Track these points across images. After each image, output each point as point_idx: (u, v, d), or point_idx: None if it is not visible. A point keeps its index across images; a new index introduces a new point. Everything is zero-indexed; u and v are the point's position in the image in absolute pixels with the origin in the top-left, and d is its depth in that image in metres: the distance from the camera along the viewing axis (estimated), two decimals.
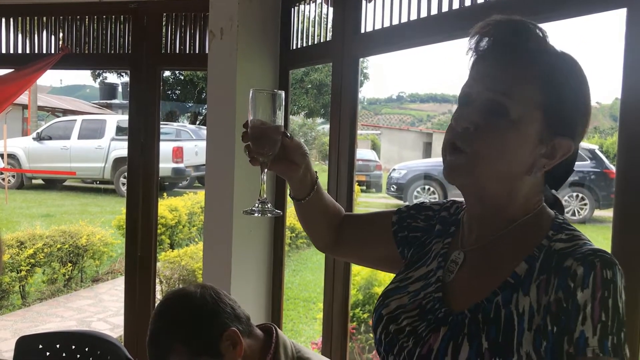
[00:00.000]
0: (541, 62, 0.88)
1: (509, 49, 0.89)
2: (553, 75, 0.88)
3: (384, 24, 2.11)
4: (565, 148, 0.90)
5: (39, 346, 2.00)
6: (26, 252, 5.59)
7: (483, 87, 0.89)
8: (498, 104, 0.87)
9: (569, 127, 0.90)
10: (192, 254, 5.26)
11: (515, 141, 0.88)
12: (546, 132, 0.89)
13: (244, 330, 1.39)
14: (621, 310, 0.81)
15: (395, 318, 0.98)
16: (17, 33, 3.28)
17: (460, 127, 0.90)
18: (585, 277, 0.81)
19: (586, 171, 9.20)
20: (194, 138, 12.74)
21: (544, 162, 0.90)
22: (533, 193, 0.94)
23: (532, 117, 0.88)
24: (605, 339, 0.79)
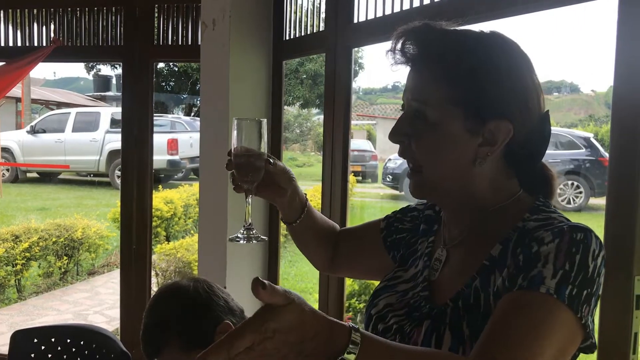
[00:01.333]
0: (447, 56, 0.88)
1: (421, 55, 0.89)
2: (459, 66, 0.87)
3: (377, 14, 2.10)
4: (504, 129, 0.87)
5: (34, 340, 1.99)
6: (21, 245, 5.58)
7: (408, 98, 0.92)
8: (418, 111, 0.89)
9: (497, 108, 0.86)
10: (187, 246, 5.25)
11: (443, 142, 0.88)
12: (472, 123, 0.87)
13: (237, 323, 1.39)
14: (590, 270, 0.80)
15: (383, 317, 0.99)
16: (8, 25, 3.25)
17: (396, 142, 0.93)
18: (551, 238, 0.81)
19: (581, 159, 9.22)
20: (189, 130, 12.69)
21: (485, 150, 0.88)
22: (499, 181, 0.92)
23: (450, 114, 0.87)
24: (564, 286, 0.78)
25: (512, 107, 0.87)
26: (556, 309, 0.78)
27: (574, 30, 33.23)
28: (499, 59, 0.88)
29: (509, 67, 0.88)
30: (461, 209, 0.95)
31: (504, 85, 0.87)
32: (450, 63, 0.87)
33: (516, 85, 0.87)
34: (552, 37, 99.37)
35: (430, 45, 0.89)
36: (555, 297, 0.77)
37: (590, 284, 0.80)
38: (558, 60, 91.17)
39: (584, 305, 0.79)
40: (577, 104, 34.52)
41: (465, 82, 0.87)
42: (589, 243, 0.81)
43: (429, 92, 0.89)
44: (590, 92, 36.35)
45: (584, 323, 0.80)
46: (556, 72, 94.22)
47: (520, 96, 0.88)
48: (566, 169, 9.19)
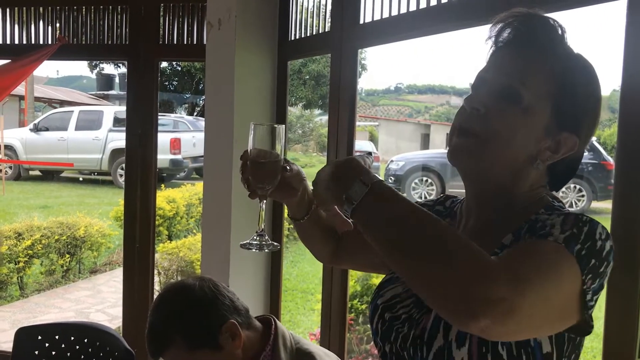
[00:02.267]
0: (557, 57, 0.90)
1: (529, 42, 0.90)
2: (567, 71, 0.89)
3: (383, 15, 2.10)
4: (570, 144, 0.90)
5: (38, 337, 2.00)
6: (24, 243, 5.59)
7: (499, 72, 0.91)
8: (512, 89, 0.88)
9: (576, 123, 0.90)
10: (190, 245, 5.26)
11: (524, 128, 0.88)
12: (554, 125, 0.89)
13: (243, 322, 1.39)
14: (598, 246, 0.80)
15: (391, 307, 0.99)
16: (14, 24, 3.26)
17: (469, 108, 0.90)
18: (557, 216, 0.84)
19: (584, 162, 9.20)
20: (192, 129, 12.71)
21: (548, 154, 0.90)
22: (536, 185, 0.94)
23: (542, 107, 0.88)
24: (573, 243, 0.78)
25: (585, 128, 0.91)
26: (565, 258, 0.77)
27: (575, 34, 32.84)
28: (594, 84, 0.92)
29: (597, 96, 0.92)
30: (490, 199, 0.95)
31: (589, 107, 0.91)
32: (562, 62, 0.90)
33: (596, 111, 0.92)
34: None
35: (550, 40, 0.90)
36: (563, 246, 0.78)
37: (598, 257, 0.80)
38: None
39: (589, 274, 0.79)
40: None
41: (567, 86, 0.89)
42: (594, 224, 0.82)
43: (529, 74, 0.89)
44: None
45: (585, 290, 0.79)
46: None
47: (593, 121, 0.92)
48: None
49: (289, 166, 1.06)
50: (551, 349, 0.84)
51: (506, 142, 0.89)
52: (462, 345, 0.85)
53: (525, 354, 0.84)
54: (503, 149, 0.89)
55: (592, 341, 4.53)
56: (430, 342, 0.89)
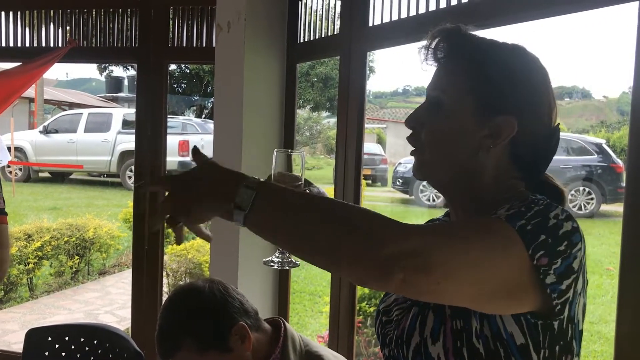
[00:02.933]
0: (468, 55, 0.94)
1: (449, 54, 0.96)
2: (482, 61, 0.93)
3: (392, 18, 2.10)
4: (509, 125, 0.91)
5: (48, 338, 2.01)
6: (34, 244, 5.62)
7: (429, 88, 0.97)
8: (435, 99, 0.95)
9: (506, 104, 0.92)
10: (198, 247, 5.27)
11: (453, 129, 0.93)
12: (482, 114, 0.92)
13: (252, 324, 1.40)
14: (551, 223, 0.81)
15: (388, 311, 1.02)
16: (25, 27, 3.28)
17: (408, 128, 0.98)
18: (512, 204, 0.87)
19: (593, 165, 9.16)
20: (200, 131, 12.74)
21: (488, 142, 0.92)
22: (501, 177, 0.95)
23: (463, 103, 0.93)
24: (517, 218, 0.80)
25: (520, 106, 0.92)
26: (502, 228, 0.79)
27: (586, 36, 32.36)
28: (516, 62, 0.94)
29: (523, 71, 0.94)
30: (460, 201, 0.98)
31: (516, 85, 0.92)
32: (472, 60, 0.94)
33: (527, 88, 0.93)
34: (564, 43, 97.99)
35: (459, 45, 0.95)
36: (503, 220, 0.80)
37: (550, 234, 0.80)
38: (570, 66, 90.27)
39: (540, 251, 0.79)
40: (589, 109, 34.34)
41: (481, 76, 0.92)
42: (551, 207, 0.84)
43: (448, 82, 0.95)
44: (602, 98, 36.12)
45: (539, 272, 0.79)
46: (568, 77, 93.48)
47: (529, 98, 0.93)
48: (578, 175, 9.15)
49: (310, 189, 1.10)
50: (525, 340, 0.84)
51: (442, 147, 0.94)
52: (436, 340, 0.87)
53: (502, 346, 0.84)
54: (442, 154, 0.95)
55: (603, 345, 4.51)
56: (408, 341, 0.91)
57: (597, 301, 5.44)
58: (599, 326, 4.84)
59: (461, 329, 0.85)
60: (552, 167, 1.01)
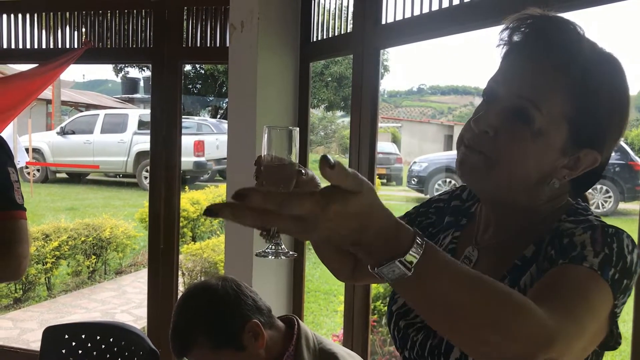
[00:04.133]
0: (574, 66, 0.82)
1: (544, 50, 0.83)
2: (585, 83, 0.82)
3: (405, 15, 2.09)
4: (590, 160, 0.85)
5: (65, 336, 2.03)
6: (51, 244, 5.69)
7: (511, 90, 0.84)
8: (523, 110, 0.82)
9: (597, 140, 0.85)
10: (213, 247, 5.30)
11: (536, 152, 0.83)
12: (571, 145, 0.84)
13: (265, 322, 1.40)
14: (629, 262, 0.77)
15: (405, 313, 0.98)
16: (41, 29, 3.32)
17: (478, 131, 0.85)
18: (583, 231, 0.80)
19: (611, 163, 9.05)
20: (215, 132, 12.81)
21: (565, 172, 0.86)
22: (555, 196, 0.90)
23: (557, 128, 0.83)
24: (607, 266, 0.75)
25: (609, 143, 0.86)
26: (602, 286, 0.74)
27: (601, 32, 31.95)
28: (614, 84, 0.84)
29: (624, 99, 0.85)
30: (506, 212, 0.92)
31: (612, 120, 0.85)
32: (580, 72, 0.82)
33: (621, 121, 0.86)
34: None
35: (562, 40, 0.83)
36: (599, 274, 0.74)
37: (629, 275, 0.77)
38: None
39: (620, 295, 0.77)
40: None
41: (585, 103, 0.82)
42: (621, 237, 0.79)
43: (543, 94, 0.82)
44: None
45: (615, 314, 0.77)
46: None
47: (618, 132, 0.86)
48: None
49: (304, 170, 1.01)
50: None
51: (516, 164, 0.84)
52: None
53: None
54: (512, 171, 0.84)
55: (622, 344, 4.46)
56: (447, 353, 0.88)
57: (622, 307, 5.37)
58: None
59: None
60: None
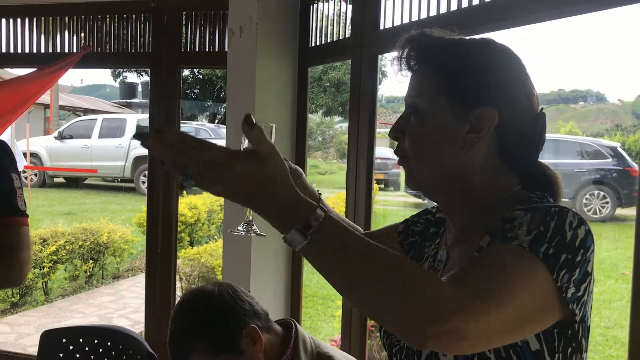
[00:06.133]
0: (437, 57, 0.94)
1: (419, 59, 0.96)
2: (446, 59, 0.93)
3: (403, 20, 2.10)
4: (489, 116, 0.90)
5: (62, 340, 2.03)
6: (49, 249, 5.68)
7: (406, 97, 0.98)
8: (412, 104, 0.95)
9: (481, 96, 0.91)
10: (211, 251, 5.29)
11: (433, 131, 0.93)
12: (459, 110, 0.91)
13: (263, 326, 1.40)
14: (568, 237, 0.79)
15: None
16: (40, 33, 3.32)
17: (392, 138, 0.98)
18: (525, 213, 0.83)
19: (607, 169, 9.08)
20: (213, 137, 12.80)
21: (472, 137, 0.91)
22: (492, 173, 0.94)
23: (440, 103, 0.92)
24: (539, 243, 0.78)
25: (496, 97, 0.91)
26: (528, 259, 0.77)
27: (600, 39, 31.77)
28: (484, 55, 0.94)
29: (493, 62, 0.93)
30: (454, 205, 0.98)
31: (488, 76, 0.92)
32: (440, 60, 0.94)
33: (500, 78, 0.92)
34: (578, 46, 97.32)
35: (425, 49, 0.95)
36: (527, 249, 0.78)
37: (569, 250, 0.79)
38: (584, 69, 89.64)
39: (562, 270, 0.78)
40: (604, 113, 34.02)
41: (450, 73, 0.92)
42: (564, 214, 0.81)
43: (421, 86, 0.95)
44: (616, 102, 35.79)
45: (560, 287, 0.78)
46: (582, 81, 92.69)
47: (504, 88, 0.92)
48: (592, 178, 9.07)
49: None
50: (540, 346, 0.83)
51: (426, 151, 0.94)
52: None
53: (515, 354, 0.83)
54: (428, 158, 0.94)
55: (619, 350, 4.46)
56: (419, 351, 0.92)
57: (613, 306, 5.38)
58: (614, 331, 4.78)
59: None
60: (566, 171, 1.00)
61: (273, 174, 0.74)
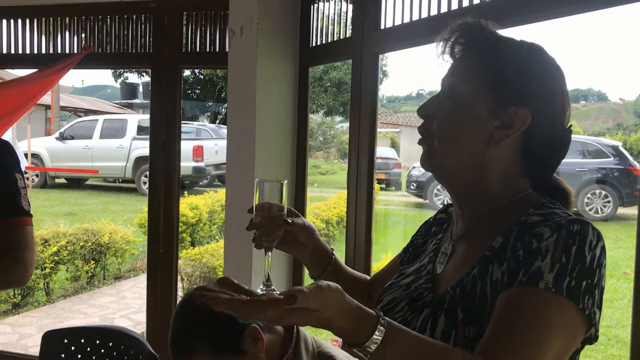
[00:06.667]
0: (489, 47, 0.95)
1: (469, 46, 0.97)
2: (496, 54, 0.94)
3: (404, 20, 2.10)
4: (522, 116, 0.91)
5: (64, 340, 2.03)
6: (50, 249, 5.68)
7: (444, 78, 0.98)
8: (451, 88, 0.96)
9: (521, 95, 0.92)
10: (212, 252, 5.29)
11: (468, 118, 0.93)
12: (497, 105, 0.92)
13: (264, 325, 1.40)
14: (587, 260, 0.81)
15: (388, 311, 1.02)
16: (41, 34, 3.33)
17: (420, 117, 0.98)
18: (550, 233, 0.84)
19: (609, 168, 9.07)
20: (214, 137, 12.80)
21: (500, 133, 0.92)
22: (510, 175, 0.95)
23: (481, 93, 0.93)
24: (562, 278, 0.80)
25: (535, 100, 0.92)
26: (556, 303, 0.80)
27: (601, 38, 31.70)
28: (532, 60, 0.95)
29: (540, 69, 0.94)
30: (467, 195, 0.98)
31: (532, 81, 0.93)
32: (491, 53, 0.95)
33: (543, 85, 0.93)
34: (579, 45, 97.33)
35: (477, 39, 0.96)
36: (554, 291, 0.80)
37: (589, 275, 0.82)
38: (585, 68, 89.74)
39: (585, 297, 0.81)
40: (605, 112, 33.99)
41: (498, 69, 0.93)
42: (585, 234, 0.83)
43: (465, 73, 0.95)
44: (618, 101, 35.76)
45: (588, 314, 0.81)
46: (583, 80, 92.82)
47: (544, 94, 0.93)
48: (594, 177, 9.06)
49: (292, 220, 1.11)
50: None
51: (453, 135, 0.94)
52: (446, 342, 0.87)
53: None
54: (453, 142, 0.94)
55: (621, 349, 4.45)
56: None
57: (615, 305, 5.37)
58: (616, 330, 4.77)
59: (474, 338, 0.85)
60: (567, 170, 1.01)
61: (326, 318, 0.78)
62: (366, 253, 2.33)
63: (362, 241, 2.34)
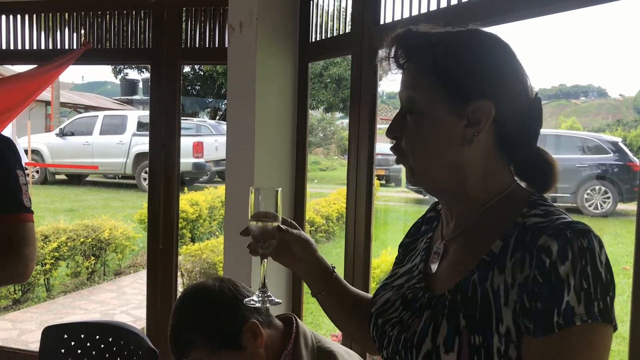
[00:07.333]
0: (423, 52, 0.94)
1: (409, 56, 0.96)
2: (432, 55, 0.93)
3: (404, 15, 2.10)
4: (486, 110, 0.90)
5: (64, 336, 2.03)
6: (50, 245, 5.69)
7: (401, 92, 0.97)
8: (408, 101, 0.94)
9: (475, 88, 0.90)
10: (212, 247, 5.30)
11: (433, 126, 0.92)
12: (457, 104, 0.91)
13: (263, 321, 1.40)
14: (603, 275, 0.82)
15: (382, 312, 1.01)
16: (40, 30, 3.32)
17: (392, 137, 0.97)
18: (561, 251, 0.82)
19: (609, 164, 9.06)
20: (214, 133, 12.79)
21: (471, 131, 0.91)
22: (491, 169, 0.94)
23: (436, 97, 0.92)
24: (591, 305, 0.80)
25: (490, 87, 0.91)
26: (596, 331, 0.81)
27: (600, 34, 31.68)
28: (472, 46, 0.93)
29: (482, 52, 0.93)
30: (455, 200, 0.98)
31: (478, 68, 0.91)
32: (429, 56, 0.93)
33: (491, 67, 0.92)
34: (578, 41, 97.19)
35: (415, 45, 0.95)
36: (590, 322, 0.80)
37: (608, 288, 0.83)
38: (585, 64, 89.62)
39: (612, 310, 0.83)
40: (605, 108, 33.93)
41: (441, 68, 0.92)
42: (593, 248, 0.82)
43: (414, 84, 0.95)
44: (618, 97, 35.70)
45: (615, 326, 0.83)
46: (583, 76, 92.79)
47: (497, 77, 0.92)
48: (594, 173, 9.06)
49: (286, 228, 1.11)
50: None
51: (424, 147, 0.93)
52: (450, 350, 0.86)
53: None
54: (427, 155, 0.93)
55: (620, 344, 4.46)
56: (419, 345, 0.90)
57: (614, 300, 5.38)
58: None
59: (480, 345, 0.84)
60: (567, 166, 1.00)
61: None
62: (366, 249, 2.34)
63: (362, 237, 2.34)
